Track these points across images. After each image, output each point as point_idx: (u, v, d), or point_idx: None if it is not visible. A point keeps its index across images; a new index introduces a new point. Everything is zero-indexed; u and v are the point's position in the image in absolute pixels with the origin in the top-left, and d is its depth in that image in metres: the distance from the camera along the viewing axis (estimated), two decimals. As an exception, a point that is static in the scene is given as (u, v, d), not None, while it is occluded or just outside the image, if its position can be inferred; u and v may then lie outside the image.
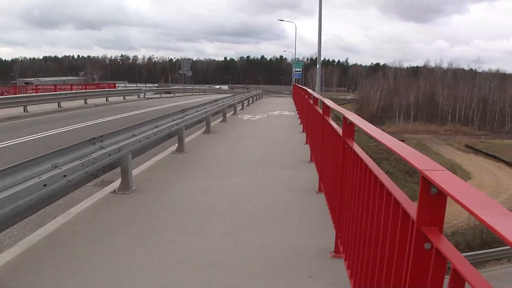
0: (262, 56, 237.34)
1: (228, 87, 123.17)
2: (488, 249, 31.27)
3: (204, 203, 7.97)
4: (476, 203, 1.69)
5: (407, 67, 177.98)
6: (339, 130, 5.22)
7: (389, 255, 2.68)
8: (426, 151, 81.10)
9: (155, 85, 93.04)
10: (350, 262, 4.26)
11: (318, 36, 30.96)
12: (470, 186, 1.92)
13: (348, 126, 4.79)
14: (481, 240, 35.45)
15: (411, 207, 2.34)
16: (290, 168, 11.35)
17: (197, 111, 15.88)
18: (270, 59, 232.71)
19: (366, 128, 3.79)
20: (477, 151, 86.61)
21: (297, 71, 68.34)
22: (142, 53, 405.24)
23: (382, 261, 2.84)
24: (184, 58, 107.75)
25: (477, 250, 31.76)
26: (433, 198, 2.08)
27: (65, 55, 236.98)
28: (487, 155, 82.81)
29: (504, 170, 70.87)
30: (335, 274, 5.01)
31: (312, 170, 10.05)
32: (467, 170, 68.48)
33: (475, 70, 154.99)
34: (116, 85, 59.08)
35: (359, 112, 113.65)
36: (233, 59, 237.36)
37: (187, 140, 14.57)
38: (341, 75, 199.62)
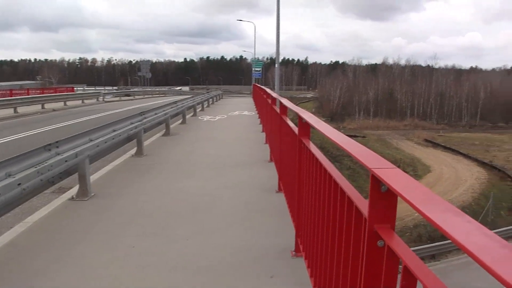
0: (222, 57, 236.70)
1: (189, 88, 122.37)
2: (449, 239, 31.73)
3: (165, 207, 7.91)
4: (423, 200, 1.71)
5: (366, 64, 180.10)
6: (296, 130, 5.22)
7: (345, 253, 2.70)
8: (387, 146, 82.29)
9: (114, 88, 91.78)
10: (309, 260, 4.26)
11: (277, 35, 31.08)
12: (418, 184, 1.95)
13: (304, 125, 4.80)
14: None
15: (364, 205, 2.35)
16: (250, 168, 11.35)
17: (156, 114, 15.77)
18: (230, 59, 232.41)
19: (319, 127, 3.80)
20: (436, 145, 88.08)
21: (256, 70, 68.39)
22: (100, 56, 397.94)
23: (339, 259, 2.85)
24: (143, 60, 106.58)
25: (440, 241, 32.19)
26: (384, 196, 2.10)
27: (21, 59, 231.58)
28: (445, 148, 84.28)
29: (462, 162, 72.14)
30: (296, 273, 5.02)
31: (272, 170, 10.07)
32: (427, 164, 69.51)
33: (432, 66, 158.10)
34: (75, 88, 58.30)
35: (319, 110, 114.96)
36: (193, 60, 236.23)
37: (146, 143, 14.48)
38: (301, 73, 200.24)
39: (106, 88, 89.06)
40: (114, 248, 5.99)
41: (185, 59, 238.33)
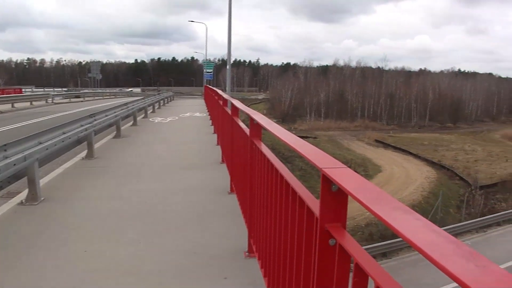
0: (173, 58, 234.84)
1: (141, 89, 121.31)
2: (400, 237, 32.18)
3: (116, 210, 7.81)
4: (373, 199, 1.73)
5: (317, 66, 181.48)
6: (247, 131, 5.23)
7: (297, 253, 2.70)
8: (338, 147, 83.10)
9: (64, 89, 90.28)
10: (263, 261, 4.26)
11: (228, 37, 31.07)
12: (368, 183, 1.97)
13: (255, 126, 4.80)
14: (392, 229, 36.44)
15: (315, 205, 2.36)
16: (202, 169, 11.34)
17: (106, 116, 15.60)
18: (181, 60, 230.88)
19: (270, 128, 3.81)
20: (386, 145, 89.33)
21: (208, 72, 68.37)
22: (49, 56, 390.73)
23: (291, 259, 2.86)
24: (94, 61, 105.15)
25: (391, 239, 32.65)
26: (335, 195, 2.11)
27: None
28: (396, 148, 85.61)
29: (412, 162, 73.37)
30: (250, 274, 5.03)
31: (224, 171, 10.04)
32: (377, 164, 70.40)
33: (382, 68, 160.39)
34: (23, 90, 57.16)
35: (271, 111, 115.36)
36: (144, 61, 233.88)
37: (97, 145, 14.26)
38: (252, 75, 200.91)
39: (56, 89, 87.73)
40: (66, 253, 5.88)
41: (136, 60, 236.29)
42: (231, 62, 33.68)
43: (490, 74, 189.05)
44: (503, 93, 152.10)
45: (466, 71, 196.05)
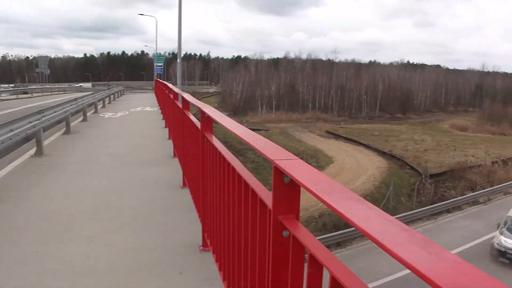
0: (123, 52, 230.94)
1: (92, 84, 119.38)
2: (353, 227, 32.53)
3: (67, 209, 7.66)
4: (325, 190, 1.73)
5: (268, 59, 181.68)
6: (198, 124, 5.19)
7: (251, 245, 2.70)
8: (290, 139, 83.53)
9: (10, 85, 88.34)
10: (218, 255, 4.25)
11: (178, 30, 30.81)
12: (320, 174, 1.97)
13: (206, 120, 4.77)
14: (345, 219, 36.81)
15: (268, 197, 2.35)
16: (154, 164, 11.26)
17: (55, 112, 15.33)
18: (131, 54, 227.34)
19: (222, 121, 3.78)
20: (337, 136, 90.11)
21: (158, 66, 67.86)
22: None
23: (246, 251, 2.86)
24: (41, 56, 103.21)
25: (344, 229, 32.97)
26: (287, 186, 2.11)
27: None
28: (347, 139, 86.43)
29: (363, 152, 74.23)
30: (205, 268, 5.02)
31: (176, 165, 9.98)
32: (329, 155, 70.96)
33: (333, 60, 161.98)
34: (-34, 87, 55.79)
35: (222, 105, 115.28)
36: (93, 56, 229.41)
37: (46, 142, 13.99)
38: (203, 68, 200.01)
39: (2, 85, 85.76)
40: (16, 255, 5.72)
41: (85, 54, 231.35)
42: (182, 55, 33.48)
43: (438, 66, 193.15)
44: (451, 85, 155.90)
45: (415, 63, 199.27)
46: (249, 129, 3.34)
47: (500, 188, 47.00)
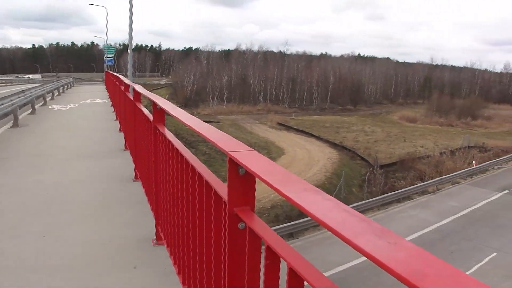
0: (73, 43, 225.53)
1: (41, 76, 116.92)
2: (305, 217, 32.86)
3: (17, 203, 7.48)
4: (281, 181, 1.73)
5: (220, 50, 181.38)
6: (150, 116, 5.13)
7: (207, 238, 2.69)
8: (241, 130, 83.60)
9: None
10: (172, 248, 4.23)
11: (129, 21, 30.46)
12: (276, 165, 1.97)
13: (158, 111, 4.72)
14: (299, 210, 37.05)
15: (223, 189, 2.34)
16: (105, 157, 11.12)
17: (2, 104, 15.02)
18: (81, 45, 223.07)
19: (174, 113, 3.75)
20: (288, 128, 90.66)
21: (109, 57, 66.84)
22: None
23: (201, 244, 2.84)
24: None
25: (296, 220, 33.22)
26: (242, 178, 2.10)
27: None
28: (298, 131, 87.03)
29: (314, 144, 74.86)
30: (159, 262, 4.99)
31: (128, 158, 9.87)
32: (280, 146, 71.30)
33: (284, 52, 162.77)
34: None
35: (173, 97, 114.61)
36: (42, 46, 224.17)
37: (-8, 136, 13.70)
38: (154, 60, 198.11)
39: None
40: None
41: (33, 45, 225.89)
42: (133, 47, 33.12)
43: (388, 58, 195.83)
44: (400, 77, 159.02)
45: (366, 56, 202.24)
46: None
47: (448, 178, 48.11)
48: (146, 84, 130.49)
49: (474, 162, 57.80)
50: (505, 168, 56.04)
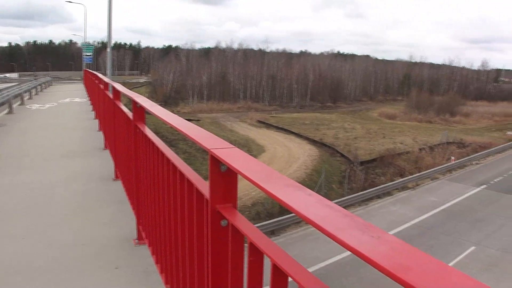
0: (50, 41, 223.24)
1: (19, 75, 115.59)
2: (287, 214, 32.93)
3: (-4, 204, 7.41)
4: (263, 177, 1.73)
5: (199, 48, 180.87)
6: (130, 115, 5.11)
7: (189, 236, 2.68)
8: (221, 128, 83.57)
9: None
10: (154, 247, 4.21)
11: (108, 18, 30.28)
12: (257, 161, 1.97)
13: (138, 110, 4.70)
14: (280, 207, 37.23)
15: (205, 187, 2.34)
16: (84, 157, 11.03)
17: (-21, 104, 14.85)
18: (59, 43, 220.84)
19: (155, 111, 3.74)
20: (268, 126, 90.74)
21: (87, 55, 66.32)
22: None
23: (183, 243, 2.83)
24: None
25: (277, 217, 33.31)
26: (224, 175, 2.10)
27: None
28: (278, 128, 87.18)
29: (294, 141, 75.04)
30: (141, 262, 4.95)
31: (107, 157, 9.81)
32: (261, 144, 71.35)
33: (264, 50, 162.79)
34: None
35: (153, 95, 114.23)
36: (19, 45, 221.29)
37: (-31, 136, 13.55)
38: (134, 58, 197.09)
39: None
40: None
41: (9, 43, 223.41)
42: (112, 44, 32.90)
43: (368, 56, 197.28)
44: (380, 74, 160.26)
45: (345, 53, 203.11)
46: (181, 119, 3.31)
47: (427, 173, 48.55)
48: (126, 82, 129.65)
49: (452, 158, 58.26)
50: (482, 163, 56.61)
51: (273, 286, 1.63)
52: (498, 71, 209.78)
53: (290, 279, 1.58)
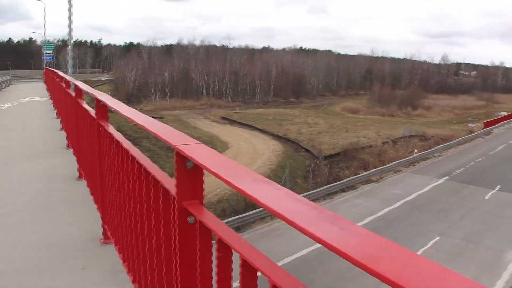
0: (9, 39, 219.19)
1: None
2: (252, 210, 32.95)
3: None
4: (231, 172, 1.73)
5: (161, 45, 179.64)
6: (93, 113, 5.05)
7: (156, 234, 2.67)
8: (185, 126, 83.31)
9: None
10: (120, 246, 4.18)
11: (69, 15, 29.90)
12: (224, 157, 1.97)
13: (101, 108, 4.65)
14: (245, 204, 37.26)
15: (171, 184, 2.33)
16: (47, 157, 10.87)
17: None
18: (18, 41, 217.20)
19: (119, 109, 3.70)
20: (232, 122, 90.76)
21: (48, 53, 65.35)
22: None
23: (150, 241, 2.82)
24: None
25: (243, 213, 33.30)
26: (190, 172, 2.10)
27: None
28: (242, 124, 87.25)
29: (258, 137, 75.19)
30: (108, 261, 4.90)
31: (70, 157, 9.69)
32: (225, 140, 71.31)
33: (226, 46, 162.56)
34: None
35: (115, 93, 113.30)
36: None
37: None
38: (95, 56, 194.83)
39: None
40: None
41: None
42: (73, 42, 32.49)
43: (330, 51, 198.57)
44: (342, 69, 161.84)
45: (308, 49, 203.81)
46: (147, 116, 3.29)
47: (391, 166, 49.03)
48: (87, 80, 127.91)
49: (415, 150, 58.99)
50: (444, 155, 57.33)
51: (243, 281, 1.63)
52: (458, 65, 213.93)
53: (259, 273, 1.58)
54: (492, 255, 28.18)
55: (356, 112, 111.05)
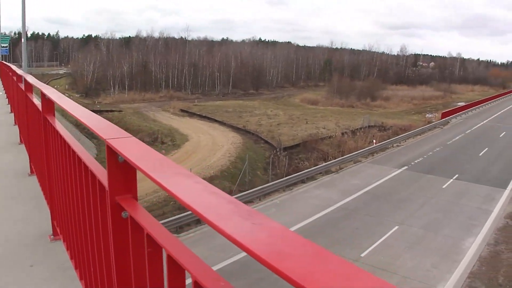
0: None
1: None
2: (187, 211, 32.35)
3: None
4: (155, 167, 1.72)
5: (120, 38, 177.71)
6: (40, 107, 4.97)
7: (95, 229, 2.64)
8: (144, 118, 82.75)
9: None
10: (68, 242, 4.13)
11: (22, 7, 29.34)
12: (153, 151, 1.95)
13: (47, 101, 4.57)
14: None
15: (105, 178, 2.30)
16: (-1, 152, 10.69)
17: None
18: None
19: (61, 102, 3.66)
20: (191, 114, 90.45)
21: (3, 47, 64.07)
22: None
23: (91, 236, 2.79)
24: None
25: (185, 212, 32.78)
26: (122, 166, 2.08)
27: None
28: (201, 117, 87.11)
29: (217, 129, 75.12)
30: (57, 258, 4.81)
31: (23, 152, 9.54)
32: (184, 133, 70.94)
33: (185, 38, 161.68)
34: None
35: (73, 86, 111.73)
36: None
37: None
38: (52, 49, 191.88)
39: None
40: None
41: None
42: (29, 35, 31.95)
43: (289, 42, 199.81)
44: (301, 61, 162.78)
45: (267, 40, 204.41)
46: (103, 110, 3.25)
47: (350, 157, 49.42)
48: (45, 74, 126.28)
49: (374, 141, 59.55)
50: (403, 145, 58.11)
51: (170, 277, 1.62)
52: (417, 56, 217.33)
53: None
54: (451, 243, 28.69)
55: (316, 104, 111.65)
